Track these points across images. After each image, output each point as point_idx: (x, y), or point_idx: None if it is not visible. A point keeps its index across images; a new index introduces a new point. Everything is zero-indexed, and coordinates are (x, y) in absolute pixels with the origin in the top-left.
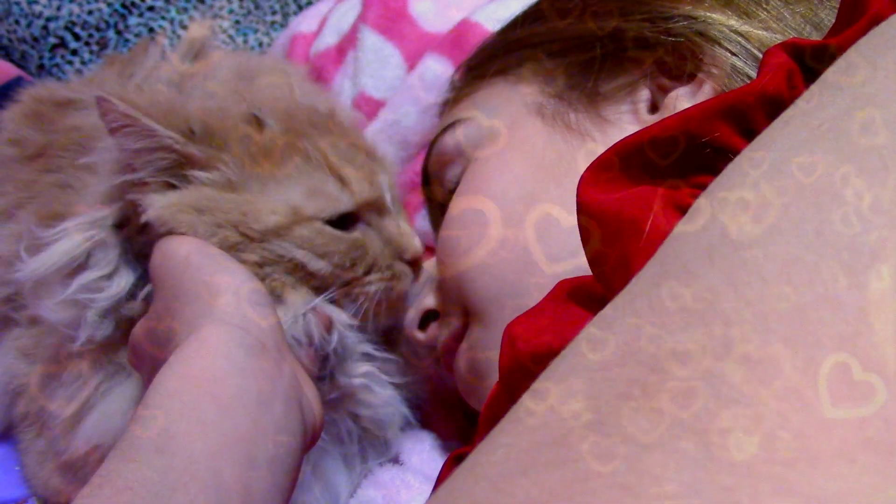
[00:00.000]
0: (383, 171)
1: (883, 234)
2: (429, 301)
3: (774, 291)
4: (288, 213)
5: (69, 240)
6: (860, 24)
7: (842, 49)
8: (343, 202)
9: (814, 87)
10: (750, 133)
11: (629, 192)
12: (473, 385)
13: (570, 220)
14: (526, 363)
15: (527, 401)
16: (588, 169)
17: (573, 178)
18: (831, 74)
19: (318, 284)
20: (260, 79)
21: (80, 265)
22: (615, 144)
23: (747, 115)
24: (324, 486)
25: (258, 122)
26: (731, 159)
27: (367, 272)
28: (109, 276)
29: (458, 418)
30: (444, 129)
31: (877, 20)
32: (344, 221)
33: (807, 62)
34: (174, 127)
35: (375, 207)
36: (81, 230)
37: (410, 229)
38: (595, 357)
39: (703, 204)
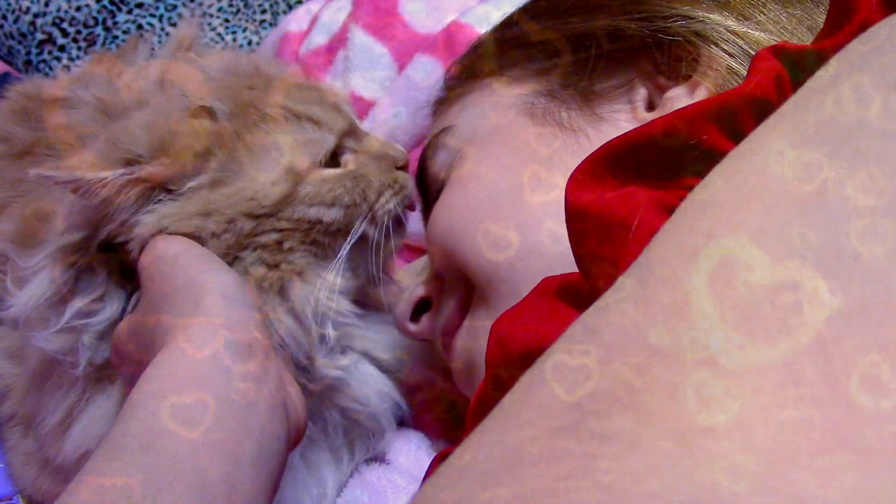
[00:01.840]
0: (340, 97)
1: (875, 247)
2: (419, 291)
3: (757, 294)
4: (287, 176)
5: (54, 267)
6: (848, 29)
7: (830, 54)
8: (327, 140)
9: (802, 91)
10: (738, 135)
11: (617, 193)
12: (469, 371)
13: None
14: (516, 363)
15: (511, 399)
16: (576, 169)
17: (565, 173)
18: (819, 78)
19: (332, 239)
20: (168, 74)
21: (69, 291)
22: (603, 145)
23: (735, 118)
24: (312, 477)
25: (207, 111)
26: (718, 162)
27: (378, 196)
28: (101, 299)
29: (446, 418)
30: (436, 136)
31: (864, 26)
32: (334, 160)
33: (795, 66)
34: (119, 161)
35: (351, 133)
36: (65, 255)
37: (384, 139)
38: (579, 357)
39: (688, 205)
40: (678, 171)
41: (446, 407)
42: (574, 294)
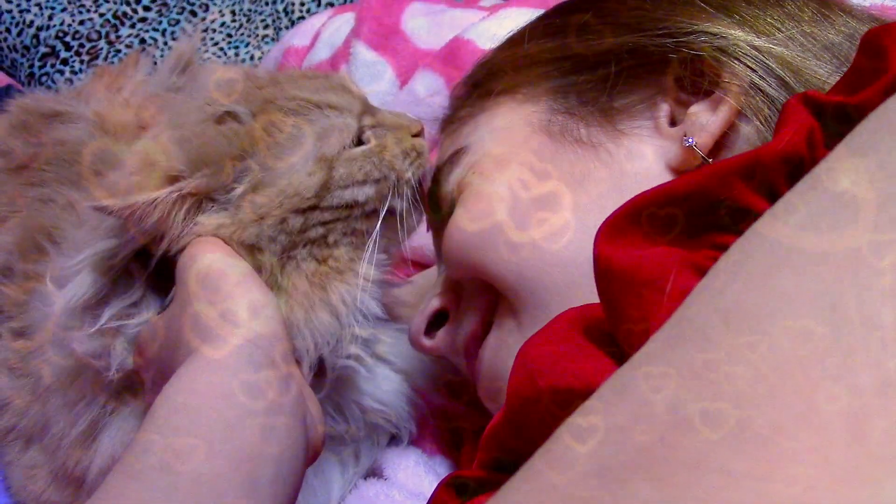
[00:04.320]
0: (344, 78)
1: None
2: (435, 303)
3: (788, 366)
4: (321, 165)
5: (94, 269)
6: (881, 83)
7: (862, 109)
8: (350, 124)
9: (836, 151)
10: (770, 192)
11: (648, 253)
12: (499, 389)
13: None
14: (542, 399)
15: (536, 463)
16: (604, 223)
17: (587, 186)
18: (856, 139)
19: (369, 223)
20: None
21: (105, 294)
22: (632, 199)
23: (766, 175)
24: (319, 483)
25: (231, 115)
26: (748, 218)
27: (402, 164)
28: (137, 304)
29: (444, 434)
30: (450, 157)
31: None
32: (357, 138)
33: (830, 121)
34: (163, 180)
35: (367, 111)
36: (104, 259)
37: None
38: (606, 420)
39: (721, 267)
40: (708, 228)
41: (446, 423)
42: (604, 337)
